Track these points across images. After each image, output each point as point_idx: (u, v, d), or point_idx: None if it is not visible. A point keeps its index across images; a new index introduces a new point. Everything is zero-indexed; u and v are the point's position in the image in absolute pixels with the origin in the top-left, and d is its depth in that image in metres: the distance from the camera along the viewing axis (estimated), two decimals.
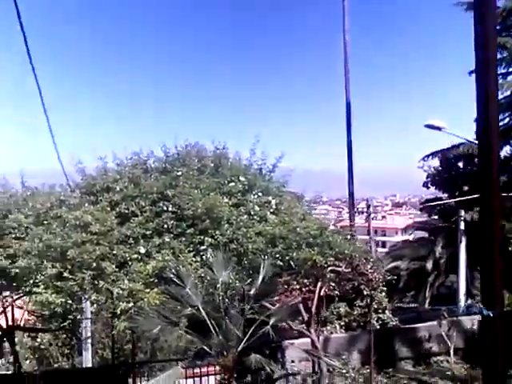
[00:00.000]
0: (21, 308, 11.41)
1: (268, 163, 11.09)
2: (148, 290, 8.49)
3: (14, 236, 9.05)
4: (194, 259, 9.03)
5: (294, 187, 11.75)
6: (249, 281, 9.33)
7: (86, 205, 9.09)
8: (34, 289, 8.55)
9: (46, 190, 10.14)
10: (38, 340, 15.07)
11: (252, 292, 8.49)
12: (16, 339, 12.25)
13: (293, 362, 11.80)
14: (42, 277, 8.48)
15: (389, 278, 11.69)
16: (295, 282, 10.38)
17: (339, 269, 10.12)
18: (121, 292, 8.41)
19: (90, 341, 12.08)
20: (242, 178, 10.42)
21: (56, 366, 15.52)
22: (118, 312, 8.38)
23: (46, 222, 9.10)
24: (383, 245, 50.26)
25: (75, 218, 8.68)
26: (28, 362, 15.74)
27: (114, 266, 8.53)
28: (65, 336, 13.98)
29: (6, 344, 12.40)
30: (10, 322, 11.32)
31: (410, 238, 30.03)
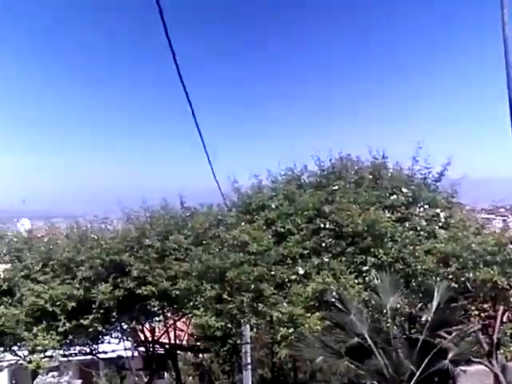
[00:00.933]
0: (182, 330, 12.60)
1: (433, 172, 10.76)
2: (308, 315, 8.70)
3: (174, 257, 10.08)
4: (355, 281, 9.07)
5: (465, 197, 11.15)
6: (419, 306, 9.06)
7: (243, 224, 9.73)
8: (194, 311, 9.39)
9: (204, 210, 11.13)
10: (200, 356, 16.52)
11: (424, 319, 8.23)
12: (179, 355, 13.62)
13: None
14: (202, 299, 9.28)
15: None
16: (473, 307, 9.77)
17: None
18: (280, 316, 8.78)
19: (249, 360, 12.81)
20: (404, 190, 10.25)
21: (217, 383, 16.99)
22: (279, 338, 8.73)
23: (204, 242, 9.98)
24: None
25: (233, 237, 9.37)
26: (190, 378, 17.30)
27: (272, 288, 8.94)
28: (226, 353, 15.09)
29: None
30: (173, 341, 12.63)
31: None
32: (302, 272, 9.31)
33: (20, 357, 11.29)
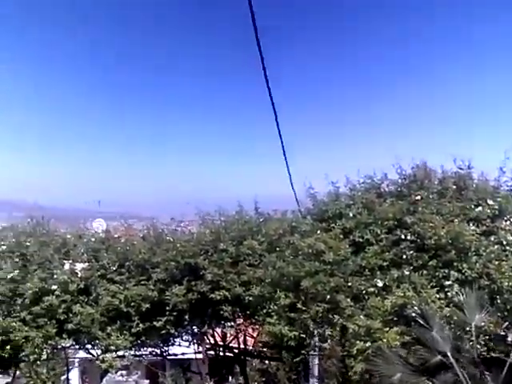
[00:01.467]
0: (252, 337, 13.09)
1: None
2: (387, 329, 8.80)
3: (247, 263, 10.56)
4: (437, 296, 9.10)
5: None
6: (505, 325, 9.02)
7: (318, 232, 10.02)
8: (268, 319, 9.77)
9: (278, 216, 11.54)
10: (266, 363, 17.04)
11: (511, 339, 8.19)
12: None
13: None
14: (275, 306, 9.65)
15: None
16: None
17: None
18: (356, 329, 8.97)
19: (317, 370, 13.09)
20: (490, 202, 10.16)
21: None
22: (354, 351, 8.93)
23: (278, 249, 10.38)
24: None
25: (308, 245, 9.66)
26: (255, 383, 17.88)
27: (348, 300, 9.17)
28: (293, 361, 15.45)
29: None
30: (242, 346, 13.15)
31: None
32: (380, 284, 9.44)
33: (93, 355, 12.17)
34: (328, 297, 9.28)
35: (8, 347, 10.54)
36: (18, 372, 13.39)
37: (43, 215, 12.39)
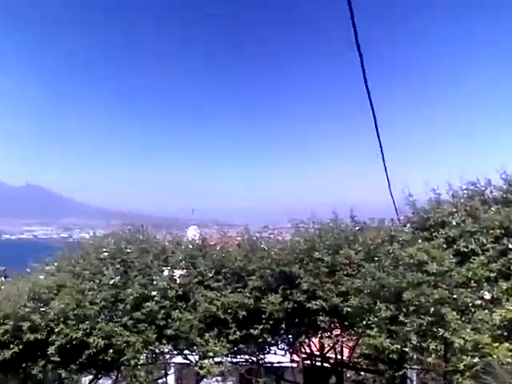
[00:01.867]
0: (350, 348, 13.25)
1: None
2: (496, 344, 8.72)
3: (345, 272, 10.75)
4: None
5: None
6: None
7: (420, 241, 10.02)
8: (368, 331, 9.90)
9: (375, 224, 11.63)
10: (362, 374, 17.13)
11: None
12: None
13: None
14: (375, 318, 9.77)
15: None
16: None
17: None
18: (463, 343, 8.91)
19: (414, 379, 13.02)
20: None
21: None
22: (461, 367, 8.87)
23: (376, 259, 10.48)
24: None
25: (409, 255, 9.68)
26: None
27: (454, 313, 9.11)
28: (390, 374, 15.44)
29: None
30: (339, 357, 13.36)
31: None
32: (488, 297, 9.30)
33: (191, 361, 12.86)
34: (432, 309, 9.23)
35: (110, 351, 11.33)
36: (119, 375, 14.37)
37: (142, 223, 13.26)
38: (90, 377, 14.18)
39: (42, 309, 11.72)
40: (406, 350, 9.76)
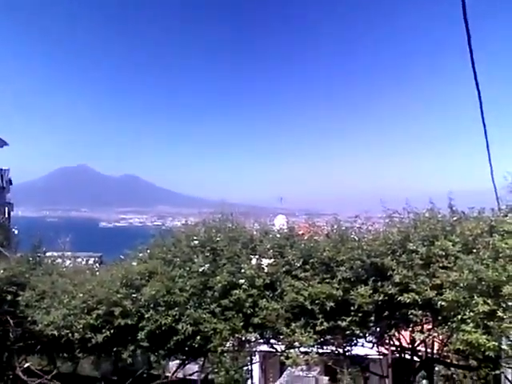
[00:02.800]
0: (443, 343, 12.88)
1: None
2: None
3: (440, 265, 10.41)
4: None
5: None
6: None
7: None
8: (462, 326, 9.57)
9: (474, 214, 11.18)
10: (452, 369, 16.69)
11: None
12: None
13: None
14: (472, 313, 9.42)
15: None
16: None
17: None
18: None
19: (510, 378, 12.40)
20: None
21: None
22: None
23: (474, 251, 10.08)
24: None
25: (510, 247, 9.26)
26: None
27: None
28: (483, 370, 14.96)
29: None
30: (429, 351, 13.06)
31: None
32: None
33: (277, 350, 12.99)
34: None
35: (198, 337, 11.67)
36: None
37: (231, 212, 13.47)
38: (178, 362, 14.63)
39: (133, 295, 12.21)
40: (504, 347, 9.36)
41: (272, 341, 12.95)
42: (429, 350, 13.32)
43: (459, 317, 9.70)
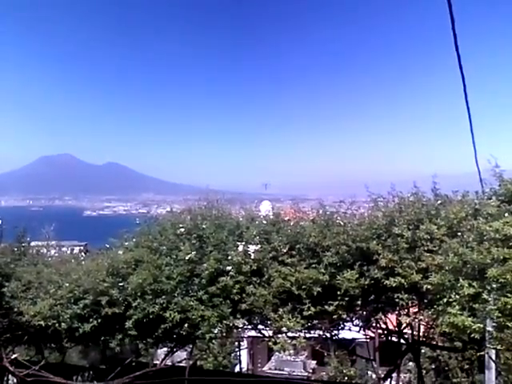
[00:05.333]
0: (429, 326, 13.13)
1: None
2: None
3: (425, 248, 10.52)
4: None
5: None
6: None
7: (506, 215, 9.63)
8: (448, 308, 9.70)
9: (459, 198, 11.29)
10: (438, 351, 17.06)
11: None
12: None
13: None
14: (457, 296, 9.55)
15: None
16: None
17: None
18: None
19: (493, 358, 12.66)
20: None
21: (454, 380, 17.48)
22: None
23: (459, 234, 10.20)
24: None
25: (494, 230, 9.32)
26: (424, 372, 17.95)
27: None
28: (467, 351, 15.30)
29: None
30: (415, 334, 13.29)
31: None
32: None
33: (265, 336, 13.11)
34: None
35: (186, 325, 11.73)
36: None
37: (217, 198, 13.49)
38: (166, 349, 14.72)
39: (120, 284, 12.23)
40: (489, 328, 9.52)
41: (260, 326, 13.07)
42: (415, 333, 13.53)
43: (445, 300, 9.80)
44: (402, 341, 13.70)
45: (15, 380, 16.71)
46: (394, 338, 13.77)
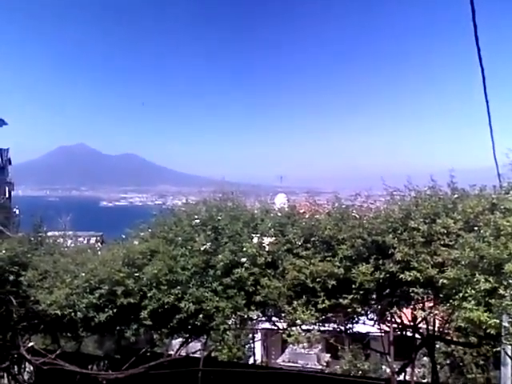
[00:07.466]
0: (444, 320, 13.07)
1: None
2: None
3: (442, 243, 10.48)
4: None
5: None
6: None
7: None
8: (464, 303, 9.67)
9: (476, 192, 11.21)
10: (452, 346, 16.97)
11: None
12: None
13: None
14: (473, 291, 9.50)
15: None
16: None
17: None
18: None
19: (510, 354, 12.57)
20: None
21: (470, 376, 17.40)
22: None
23: (476, 229, 10.13)
24: None
25: (511, 225, 9.32)
26: (438, 367, 17.87)
27: None
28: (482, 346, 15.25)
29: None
30: (431, 330, 13.25)
31: None
32: None
33: (279, 328, 13.16)
34: None
35: (201, 316, 11.82)
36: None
37: (232, 190, 13.54)
38: (180, 340, 14.84)
39: (135, 274, 12.36)
40: (505, 324, 9.48)
41: (274, 318, 13.12)
42: (430, 328, 13.47)
43: (460, 294, 9.76)
44: (417, 335, 13.64)
45: (32, 368, 16.98)
46: (408, 333, 13.72)
